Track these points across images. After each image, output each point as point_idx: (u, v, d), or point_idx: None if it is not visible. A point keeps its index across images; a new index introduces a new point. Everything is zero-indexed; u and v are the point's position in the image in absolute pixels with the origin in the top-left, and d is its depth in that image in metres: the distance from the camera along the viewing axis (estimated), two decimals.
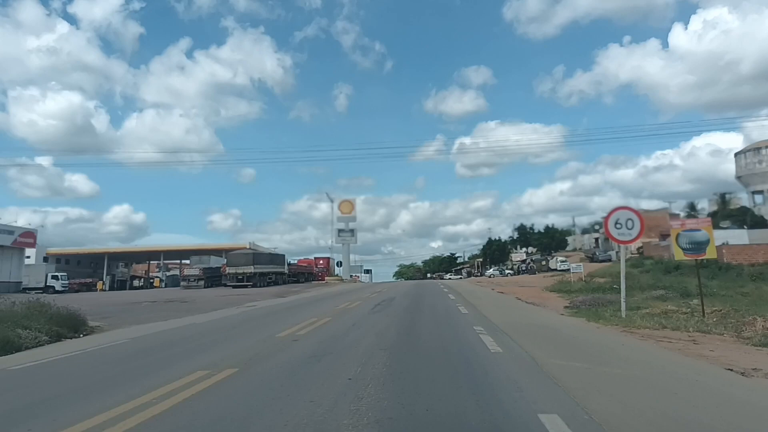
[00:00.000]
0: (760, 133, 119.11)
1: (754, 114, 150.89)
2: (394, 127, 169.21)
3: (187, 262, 58.63)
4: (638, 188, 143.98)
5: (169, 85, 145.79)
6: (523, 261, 75.09)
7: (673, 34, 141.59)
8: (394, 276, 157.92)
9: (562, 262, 66.20)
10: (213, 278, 50.15)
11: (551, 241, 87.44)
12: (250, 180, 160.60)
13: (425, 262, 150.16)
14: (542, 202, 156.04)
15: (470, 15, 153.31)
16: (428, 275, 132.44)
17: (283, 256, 55.73)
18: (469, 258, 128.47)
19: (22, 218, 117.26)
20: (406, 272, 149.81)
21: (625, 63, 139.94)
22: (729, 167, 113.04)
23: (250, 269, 45.76)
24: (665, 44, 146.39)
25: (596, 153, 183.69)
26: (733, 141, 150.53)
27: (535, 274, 65.27)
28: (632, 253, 75.49)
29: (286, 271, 55.49)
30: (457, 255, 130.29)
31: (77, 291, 60.64)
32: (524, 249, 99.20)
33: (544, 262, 68.83)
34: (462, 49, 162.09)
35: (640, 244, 71.97)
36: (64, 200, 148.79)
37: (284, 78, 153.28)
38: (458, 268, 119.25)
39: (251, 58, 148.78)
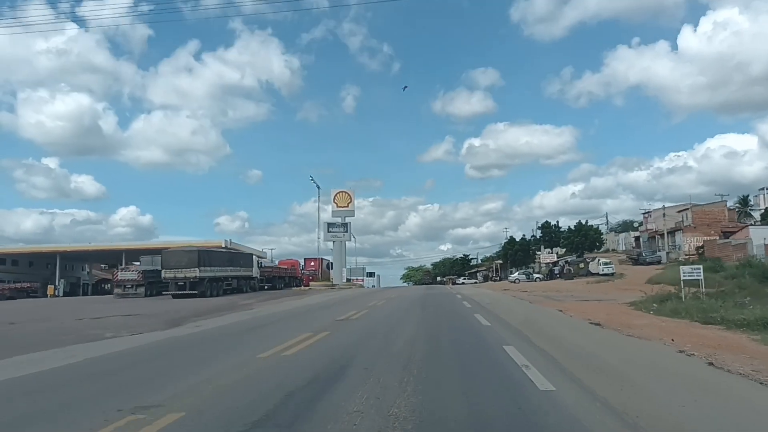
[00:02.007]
0: None
1: None
2: (402, 128, 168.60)
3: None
4: (651, 190, 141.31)
5: (177, 87, 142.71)
6: (554, 263, 62.23)
7: (683, 35, 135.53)
8: (401, 279, 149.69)
9: (606, 264, 53.36)
10: (158, 284, 37.51)
11: (584, 240, 74.33)
12: (257, 181, 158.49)
13: (435, 265, 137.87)
14: (553, 205, 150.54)
15: (478, 16, 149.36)
16: (438, 279, 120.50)
17: (251, 256, 43.24)
18: (483, 260, 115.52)
19: (30, 220, 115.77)
20: (414, 275, 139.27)
21: (635, 64, 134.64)
22: (745, 169, 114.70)
23: (194, 273, 33.33)
24: (675, 45, 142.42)
25: (609, 155, 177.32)
26: (748, 142, 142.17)
27: (572, 278, 52.45)
28: (686, 254, 62.83)
29: (257, 275, 42.98)
30: (470, 257, 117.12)
31: (10, 298, 48.97)
32: (547, 250, 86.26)
33: (581, 265, 55.87)
34: (469, 51, 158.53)
35: (701, 243, 58.95)
36: (71, 202, 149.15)
37: (292, 80, 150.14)
38: (472, 271, 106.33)
39: (259, 59, 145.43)
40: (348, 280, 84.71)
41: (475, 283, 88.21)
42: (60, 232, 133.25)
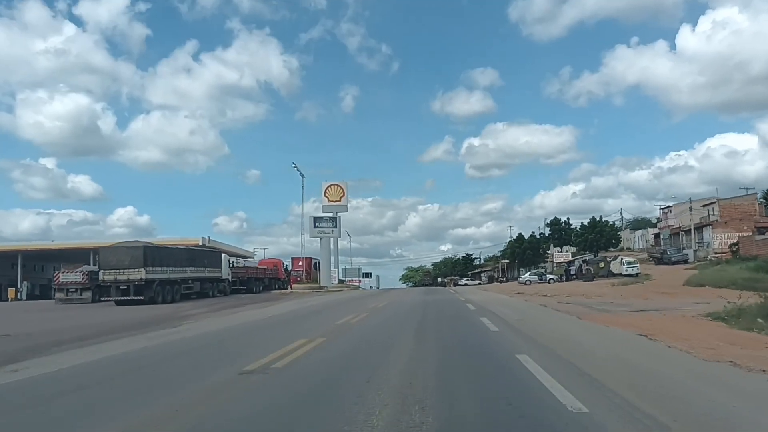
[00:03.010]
0: None
1: None
2: (402, 128, 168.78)
3: None
4: (653, 190, 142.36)
5: (176, 87, 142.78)
6: (569, 262, 55.76)
7: (682, 34, 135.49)
8: (400, 280, 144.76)
9: (630, 264, 47.03)
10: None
11: (599, 237, 67.91)
12: (255, 182, 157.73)
13: (435, 265, 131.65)
14: (554, 204, 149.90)
15: (476, 15, 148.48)
16: (438, 280, 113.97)
17: (218, 254, 36.74)
18: (486, 260, 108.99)
19: (27, 220, 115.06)
20: (414, 276, 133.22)
21: (634, 64, 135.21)
22: (746, 168, 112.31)
23: (139, 274, 26.93)
24: (674, 45, 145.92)
25: (609, 154, 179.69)
26: (748, 142, 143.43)
27: (592, 279, 46.09)
28: (717, 252, 56.39)
29: (227, 277, 36.59)
30: (473, 256, 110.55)
31: None
32: (557, 248, 79.83)
33: (601, 264, 49.44)
34: (468, 50, 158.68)
35: (734, 240, 52.46)
36: (68, 202, 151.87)
37: (290, 80, 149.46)
38: (476, 271, 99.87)
39: (257, 59, 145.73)
40: (341, 281, 78.34)
41: (479, 284, 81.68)
42: (57, 232, 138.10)
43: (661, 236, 69.39)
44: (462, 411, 4.82)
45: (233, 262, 38.92)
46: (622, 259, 48.35)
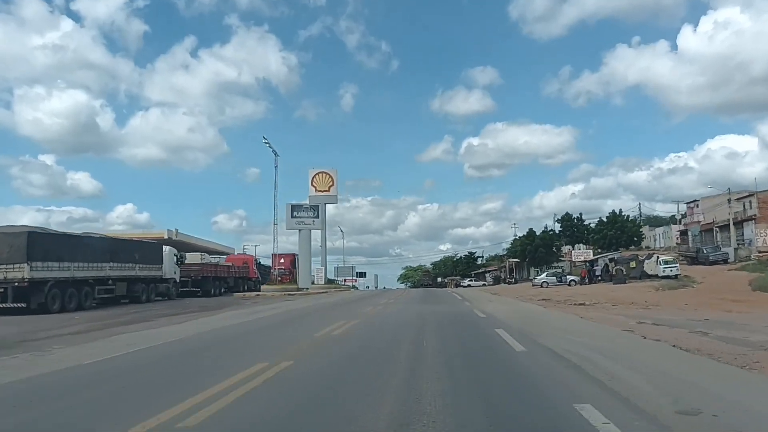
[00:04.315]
0: None
1: None
2: (401, 127, 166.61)
3: None
4: (652, 191, 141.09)
5: (174, 84, 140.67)
6: (591, 261, 47.87)
7: (683, 34, 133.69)
8: (398, 280, 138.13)
9: (668, 264, 39.35)
10: None
11: (619, 234, 60.06)
12: (254, 180, 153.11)
13: (435, 264, 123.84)
14: (553, 205, 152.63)
15: (476, 13, 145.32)
16: (438, 280, 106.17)
17: (158, 247, 28.58)
18: (489, 258, 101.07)
19: (26, 217, 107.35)
20: (413, 276, 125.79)
21: (634, 64, 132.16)
22: (745, 170, 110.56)
23: (20, 272, 19.07)
24: (675, 45, 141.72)
25: (608, 155, 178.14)
26: (748, 143, 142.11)
27: (625, 282, 38.29)
28: (760, 251, 48.79)
29: (172, 276, 28.89)
30: (476, 254, 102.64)
31: None
32: (568, 246, 72.08)
33: (632, 264, 41.64)
34: (468, 49, 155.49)
35: None
36: (68, 199, 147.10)
37: (289, 77, 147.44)
38: (479, 271, 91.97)
39: (256, 56, 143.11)
40: (331, 280, 70.46)
41: (484, 285, 73.83)
42: (56, 229, 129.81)
43: (690, 233, 61.61)
44: None
45: (182, 258, 31.05)
46: (658, 258, 40.50)
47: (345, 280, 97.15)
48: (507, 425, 4.46)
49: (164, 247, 29.22)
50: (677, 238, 64.71)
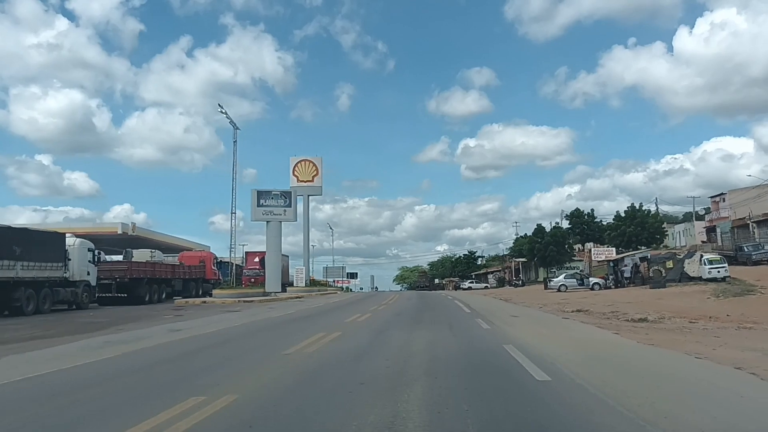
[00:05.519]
0: None
1: (766, 118, 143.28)
2: (398, 127, 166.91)
3: None
4: (648, 193, 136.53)
5: (170, 84, 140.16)
6: (615, 261, 40.64)
7: (680, 35, 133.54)
8: (394, 281, 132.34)
9: (714, 264, 32.48)
10: None
11: (640, 231, 52.99)
12: (252, 180, 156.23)
13: (432, 265, 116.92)
14: (550, 206, 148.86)
15: (472, 14, 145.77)
16: (435, 281, 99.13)
17: (58, 239, 20.88)
18: (489, 259, 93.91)
19: (23, 217, 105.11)
20: (409, 277, 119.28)
21: (631, 65, 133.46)
22: (741, 172, 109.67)
23: None
24: (671, 46, 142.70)
25: (605, 157, 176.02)
26: (744, 145, 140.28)
27: (664, 286, 31.32)
28: None
29: (82, 277, 21.89)
30: (477, 254, 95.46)
31: None
32: (578, 245, 65.08)
33: (669, 264, 34.60)
34: (464, 49, 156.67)
35: None
36: (65, 199, 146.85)
37: (285, 77, 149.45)
38: (480, 272, 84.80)
39: (252, 56, 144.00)
40: (316, 282, 63.28)
41: (486, 287, 66.77)
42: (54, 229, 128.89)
43: (719, 230, 54.62)
44: None
45: (100, 255, 23.83)
46: (701, 257, 33.44)
47: (336, 281, 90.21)
48: None
49: (70, 238, 21.93)
50: (704, 236, 57.68)
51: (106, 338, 12.10)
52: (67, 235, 22.23)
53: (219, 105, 45.55)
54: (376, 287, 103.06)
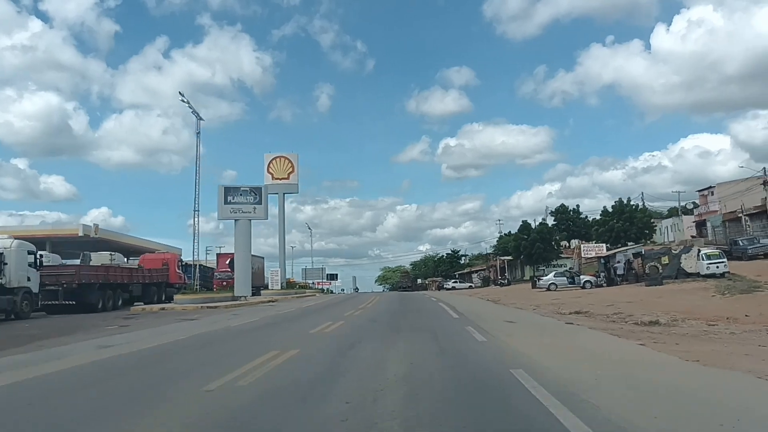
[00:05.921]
0: (748, 135, 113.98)
1: (741, 115, 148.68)
2: (378, 127, 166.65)
3: None
4: (627, 190, 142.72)
5: (147, 85, 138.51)
6: (606, 257, 38.79)
7: (658, 33, 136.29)
8: (376, 282, 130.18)
9: (713, 259, 30.97)
10: None
11: (628, 226, 51.43)
12: (232, 182, 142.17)
13: (415, 264, 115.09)
14: (530, 205, 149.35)
15: (451, 13, 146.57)
16: (418, 281, 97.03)
17: None
18: (473, 257, 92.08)
19: None
20: (392, 277, 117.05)
21: (609, 63, 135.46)
22: (718, 168, 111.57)
23: None
24: (649, 44, 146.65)
25: (584, 154, 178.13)
26: (721, 142, 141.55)
27: (661, 283, 29.63)
28: None
29: (21, 284, 19.41)
30: (461, 253, 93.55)
31: None
32: (564, 242, 63.45)
33: (664, 260, 32.85)
34: (443, 48, 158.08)
35: None
36: (41, 203, 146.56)
37: (264, 77, 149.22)
38: (464, 272, 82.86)
39: (229, 56, 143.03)
40: (293, 284, 60.80)
41: (471, 287, 64.81)
42: None
43: (710, 224, 53.28)
44: None
45: (41, 257, 21.22)
46: (699, 251, 31.72)
47: (317, 283, 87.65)
48: None
49: (5, 240, 19.39)
50: (694, 230, 56.31)
51: (12, 359, 9.72)
52: (0, 237, 19.67)
53: (180, 93, 42.82)
54: (357, 288, 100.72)
